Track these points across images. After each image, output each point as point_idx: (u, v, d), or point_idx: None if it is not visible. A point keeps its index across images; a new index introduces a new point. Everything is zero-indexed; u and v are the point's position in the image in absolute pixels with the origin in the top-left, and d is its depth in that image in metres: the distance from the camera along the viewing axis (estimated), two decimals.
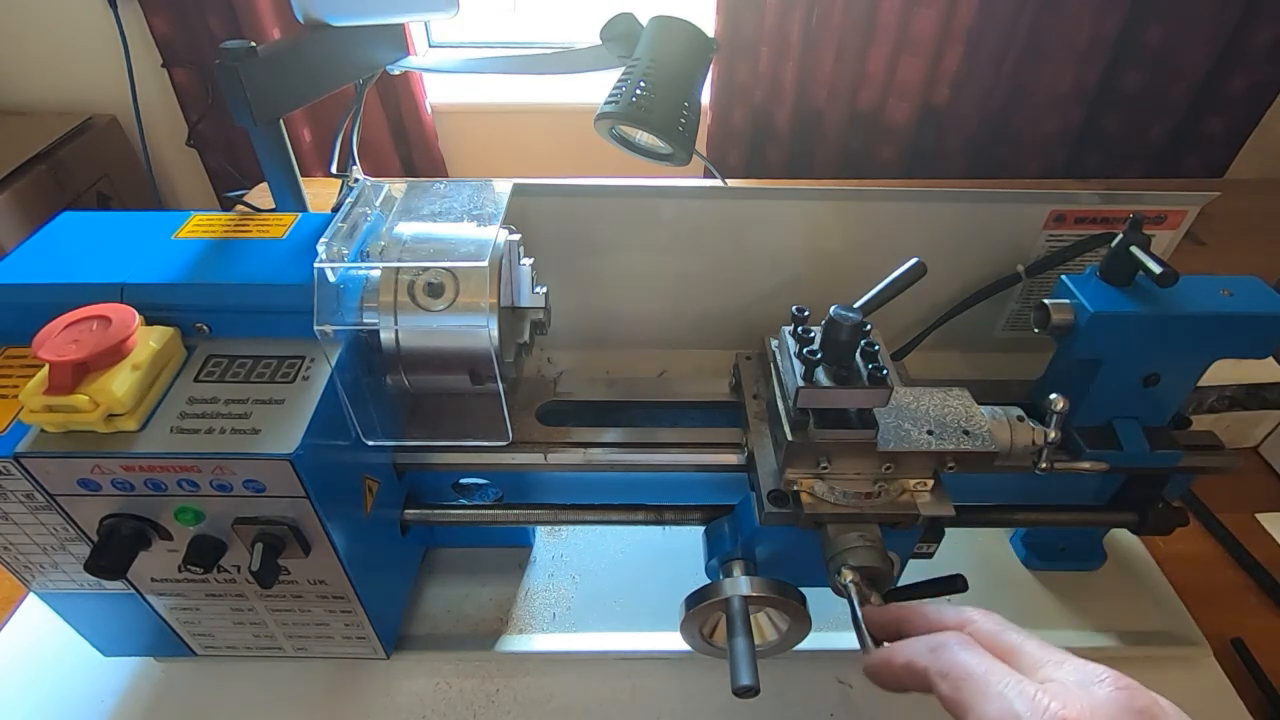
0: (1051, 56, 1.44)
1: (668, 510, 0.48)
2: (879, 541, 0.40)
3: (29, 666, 0.51)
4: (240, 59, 0.50)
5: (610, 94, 0.51)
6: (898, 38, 1.42)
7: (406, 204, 0.43)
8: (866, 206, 0.51)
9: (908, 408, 0.41)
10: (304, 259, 0.41)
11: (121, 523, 0.37)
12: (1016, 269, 0.54)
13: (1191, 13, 1.38)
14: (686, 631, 0.42)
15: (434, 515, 0.49)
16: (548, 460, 0.46)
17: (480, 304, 0.39)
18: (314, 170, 1.56)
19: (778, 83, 1.50)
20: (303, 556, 0.39)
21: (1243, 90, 1.47)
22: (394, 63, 0.64)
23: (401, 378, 0.42)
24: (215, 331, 0.40)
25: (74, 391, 0.33)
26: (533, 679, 0.51)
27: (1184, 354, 0.44)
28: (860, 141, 1.59)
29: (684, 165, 0.54)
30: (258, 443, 0.35)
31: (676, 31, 0.53)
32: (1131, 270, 0.43)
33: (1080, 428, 0.47)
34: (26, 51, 1.58)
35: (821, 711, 0.50)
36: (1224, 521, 0.62)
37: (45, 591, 0.43)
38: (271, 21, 1.45)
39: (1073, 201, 0.51)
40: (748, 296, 0.56)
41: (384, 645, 0.48)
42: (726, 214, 0.52)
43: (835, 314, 0.36)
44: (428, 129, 1.61)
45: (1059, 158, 1.58)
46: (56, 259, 0.41)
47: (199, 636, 0.47)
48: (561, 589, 0.55)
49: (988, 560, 0.57)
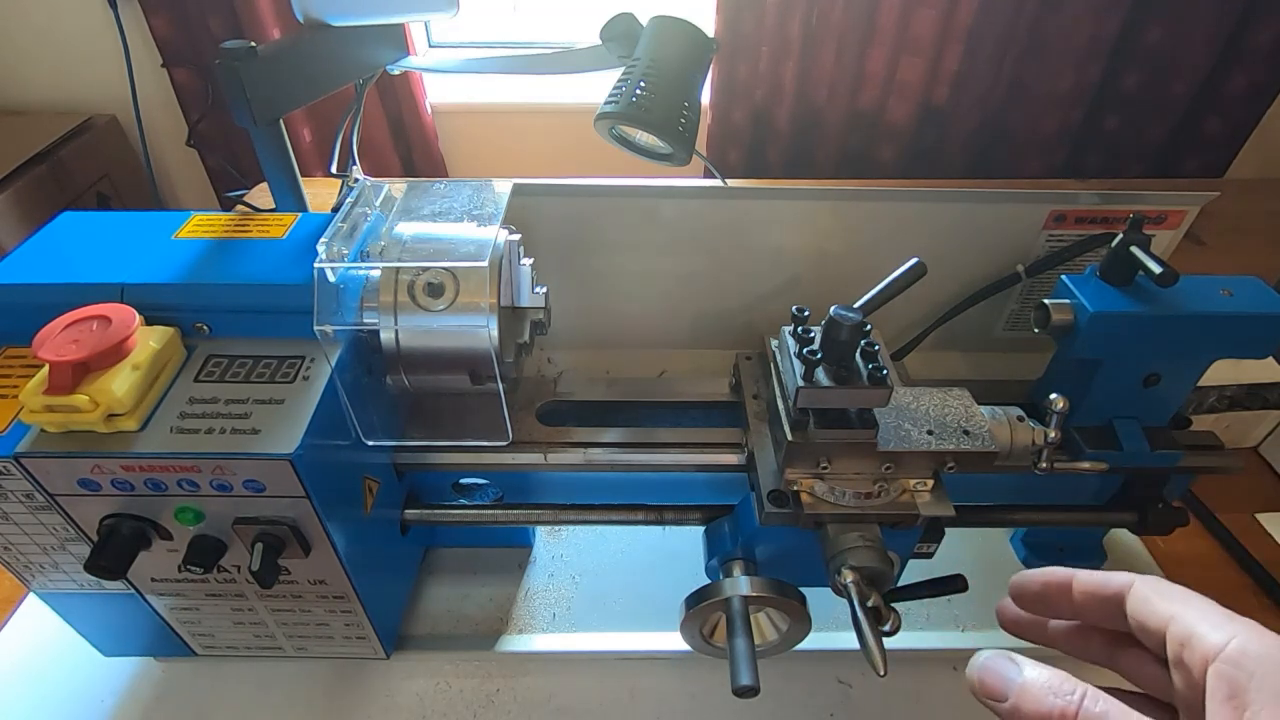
0: (1051, 56, 1.44)
1: (668, 510, 0.48)
2: (879, 541, 0.40)
3: (29, 666, 0.51)
4: (240, 59, 0.50)
5: (610, 94, 0.51)
6: (898, 38, 1.42)
7: (406, 204, 0.43)
8: (866, 206, 0.51)
9: (908, 408, 0.41)
10: (304, 259, 0.41)
11: (121, 523, 0.37)
12: (1016, 269, 0.54)
13: (1191, 13, 1.38)
14: (686, 631, 0.42)
15: (434, 515, 0.49)
16: (548, 460, 0.46)
17: (480, 304, 0.39)
18: (314, 170, 1.56)
19: (778, 82, 1.50)
20: (303, 556, 0.39)
21: (1243, 90, 1.47)
22: (394, 63, 0.64)
23: (401, 378, 0.42)
24: (215, 331, 0.40)
25: (74, 391, 0.33)
26: (533, 679, 0.51)
27: (1184, 354, 0.44)
28: (860, 141, 1.59)
29: (684, 165, 0.54)
30: (258, 443, 0.35)
31: (676, 31, 0.53)
32: (1131, 270, 0.43)
33: (1080, 428, 0.47)
34: (26, 51, 1.58)
35: (821, 711, 0.50)
36: (1224, 521, 0.62)
37: (45, 591, 0.43)
38: (271, 21, 1.44)
39: (1073, 201, 0.51)
40: (748, 296, 0.56)
41: (384, 645, 0.48)
42: (726, 214, 0.52)
43: (835, 314, 0.36)
44: (428, 129, 1.61)
45: (1059, 158, 1.58)
46: (56, 259, 0.41)
47: (199, 636, 0.47)
48: (561, 589, 0.55)
49: (988, 560, 0.57)
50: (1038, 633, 0.31)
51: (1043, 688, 0.25)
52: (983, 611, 0.54)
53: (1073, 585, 0.28)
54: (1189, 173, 1.60)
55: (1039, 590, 0.30)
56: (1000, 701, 0.25)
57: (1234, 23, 1.39)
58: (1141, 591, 0.26)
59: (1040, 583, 0.30)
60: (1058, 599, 0.29)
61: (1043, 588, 0.30)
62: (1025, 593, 0.30)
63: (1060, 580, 0.29)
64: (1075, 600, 0.28)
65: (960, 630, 0.53)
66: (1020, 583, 0.31)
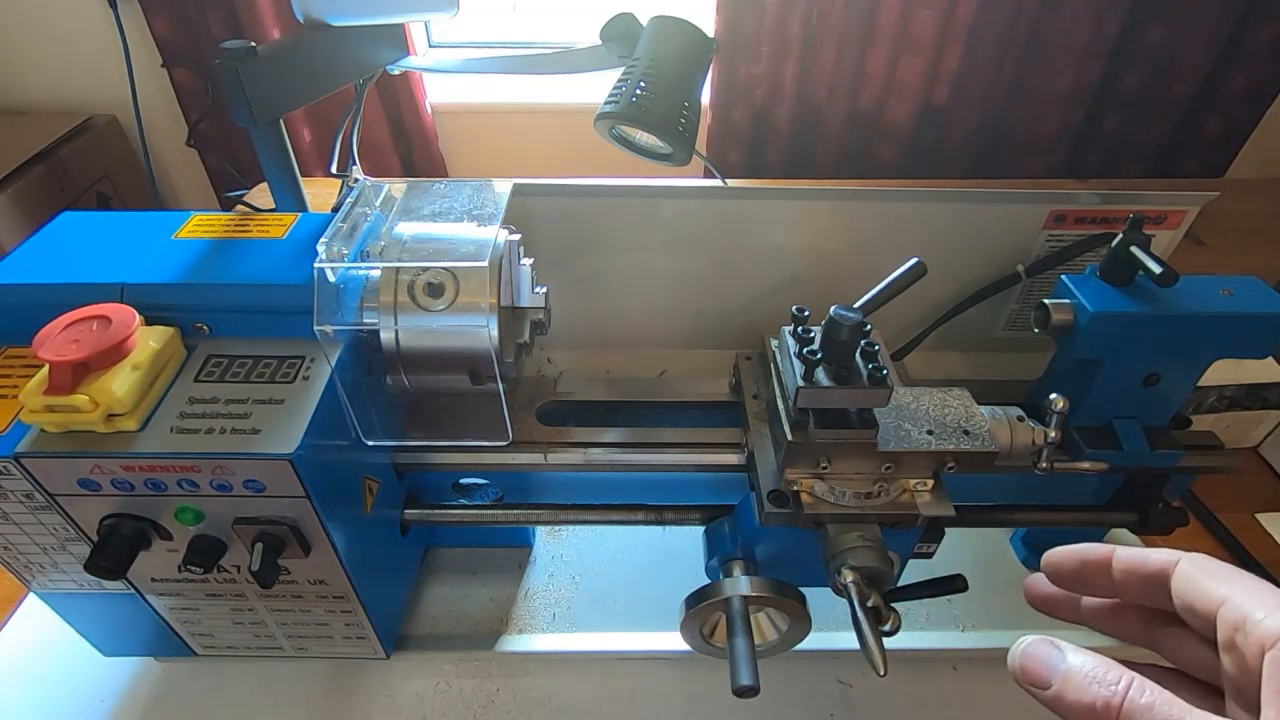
0: (1051, 56, 1.44)
1: (668, 510, 0.48)
2: (879, 541, 0.40)
3: (29, 666, 0.51)
4: (240, 59, 0.50)
5: (610, 94, 0.51)
6: (898, 37, 1.42)
7: (406, 204, 0.43)
8: (866, 206, 0.51)
9: (908, 408, 0.41)
10: (304, 259, 0.41)
11: (121, 523, 0.37)
12: (1016, 269, 0.54)
13: (1191, 13, 1.38)
14: (686, 631, 0.42)
15: (434, 515, 0.49)
16: (548, 460, 0.46)
17: (480, 304, 0.39)
18: (314, 170, 1.56)
19: (778, 82, 1.50)
20: (303, 556, 0.39)
21: (1243, 90, 1.47)
22: (394, 63, 0.64)
23: (401, 377, 0.42)
24: (215, 331, 0.40)
25: (74, 391, 0.33)
26: (533, 679, 0.51)
27: (1184, 354, 0.44)
28: (860, 141, 1.59)
29: (684, 165, 0.54)
30: (258, 443, 0.35)
31: (676, 31, 0.53)
32: (1131, 270, 0.43)
33: (1080, 428, 0.47)
34: (26, 51, 1.58)
35: (821, 711, 0.50)
36: (1224, 521, 0.62)
37: (45, 591, 0.43)
38: (271, 21, 1.44)
39: (1073, 201, 0.51)
40: (748, 296, 0.56)
41: (384, 645, 0.48)
42: (726, 214, 0.52)
43: (835, 314, 0.36)
44: (428, 129, 1.61)
45: (1059, 158, 1.58)
46: (56, 259, 0.41)
47: (199, 636, 0.47)
48: (561, 589, 0.55)
49: (988, 560, 0.57)
50: (1069, 611, 0.30)
51: (1087, 676, 0.23)
52: (983, 611, 0.54)
53: (1112, 562, 0.27)
54: (1189, 173, 1.60)
55: (1076, 567, 0.29)
56: (1043, 689, 0.24)
57: (1234, 23, 1.39)
58: (1189, 571, 0.25)
59: (1079, 559, 0.28)
60: (1095, 576, 0.28)
61: (1081, 565, 0.28)
62: (1061, 569, 0.29)
63: (1099, 557, 0.28)
64: (1115, 578, 0.27)
65: (960, 630, 0.53)
66: (1056, 559, 0.29)
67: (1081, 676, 0.24)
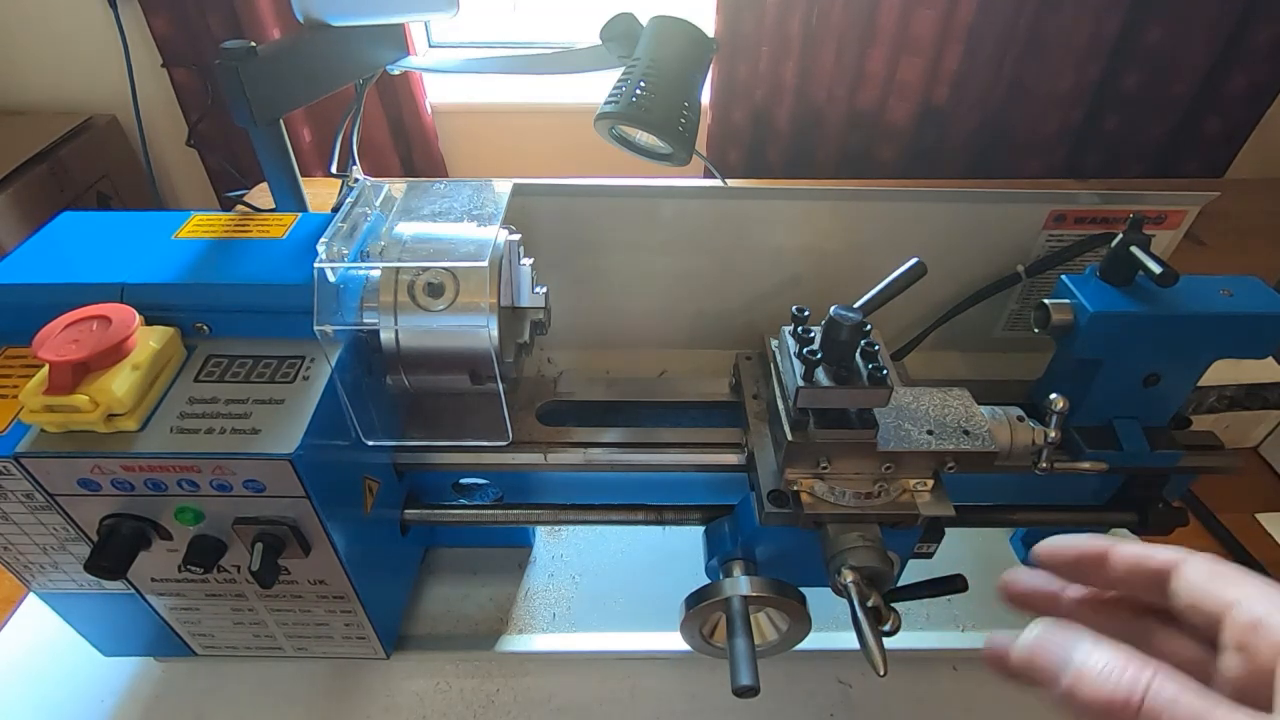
0: (1051, 56, 1.44)
1: (668, 510, 0.48)
2: (879, 541, 0.40)
3: (29, 666, 0.51)
4: (240, 59, 0.50)
5: (610, 94, 0.51)
6: (898, 38, 1.42)
7: (406, 204, 0.43)
8: (866, 206, 0.51)
9: (908, 408, 0.41)
10: (304, 259, 0.41)
11: (121, 523, 0.37)
12: (1016, 269, 0.54)
13: (1191, 13, 1.38)
14: (686, 631, 0.42)
15: (434, 515, 0.49)
16: (548, 460, 0.46)
17: (480, 304, 0.39)
18: (314, 170, 1.56)
19: (778, 82, 1.50)
20: (303, 556, 0.39)
21: (1243, 90, 1.47)
22: (394, 63, 0.64)
23: (401, 377, 0.42)
24: (215, 331, 0.40)
25: (74, 391, 0.33)
26: (533, 679, 0.51)
27: (1184, 354, 0.44)
28: (860, 141, 1.59)
29: (684, 165, 0.54)
30: (258, 443, 0.35)
31: (676, 31, 0.53)
32: (1131, 270, 0.42)
33: (1080, 428, 0.47)
34: (26, 51, 1.58)
35: (821, 711, 0.50)
36: (1224, 521, 0.62)
37: (45, 591, 0.43)
38: (271, 21, 1.44)
39: (1073, 201, 0.51)
40: (748, 296, 0.56)
41: (384, 645, 0.48)
42: (726, 214, 0.52)
43: (835, 314, 0.36)
44: (428, 129, 1.61)
45: (1059, 158, 1.58)
46: (56, 259, 0.41)
47: (199, 636, 0.47)
48: (561, 589, 0.55)
49: (988, 560, 0.57)
50: (1048, 606, 0.30)
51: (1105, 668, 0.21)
52: (983, 611, 0.54)
53: (1109, 557, 0.27)
54: (1189, 173, 1.60)
55: (1075, 558, 0.28)
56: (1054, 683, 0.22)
57: (1234, 23, 1.39)
58: (1195, 572, 0.25)
59: (1078, 551, 0.28)
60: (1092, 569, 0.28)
61: (1080, 556, 0.28)
62: (1058, 558, 0.29)
63: (1098, 551, 0.27)
64: (1113, 572, 0.27)
65: (960, 630, 0.53)
66: (1052, 549, 0.29)
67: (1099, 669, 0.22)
